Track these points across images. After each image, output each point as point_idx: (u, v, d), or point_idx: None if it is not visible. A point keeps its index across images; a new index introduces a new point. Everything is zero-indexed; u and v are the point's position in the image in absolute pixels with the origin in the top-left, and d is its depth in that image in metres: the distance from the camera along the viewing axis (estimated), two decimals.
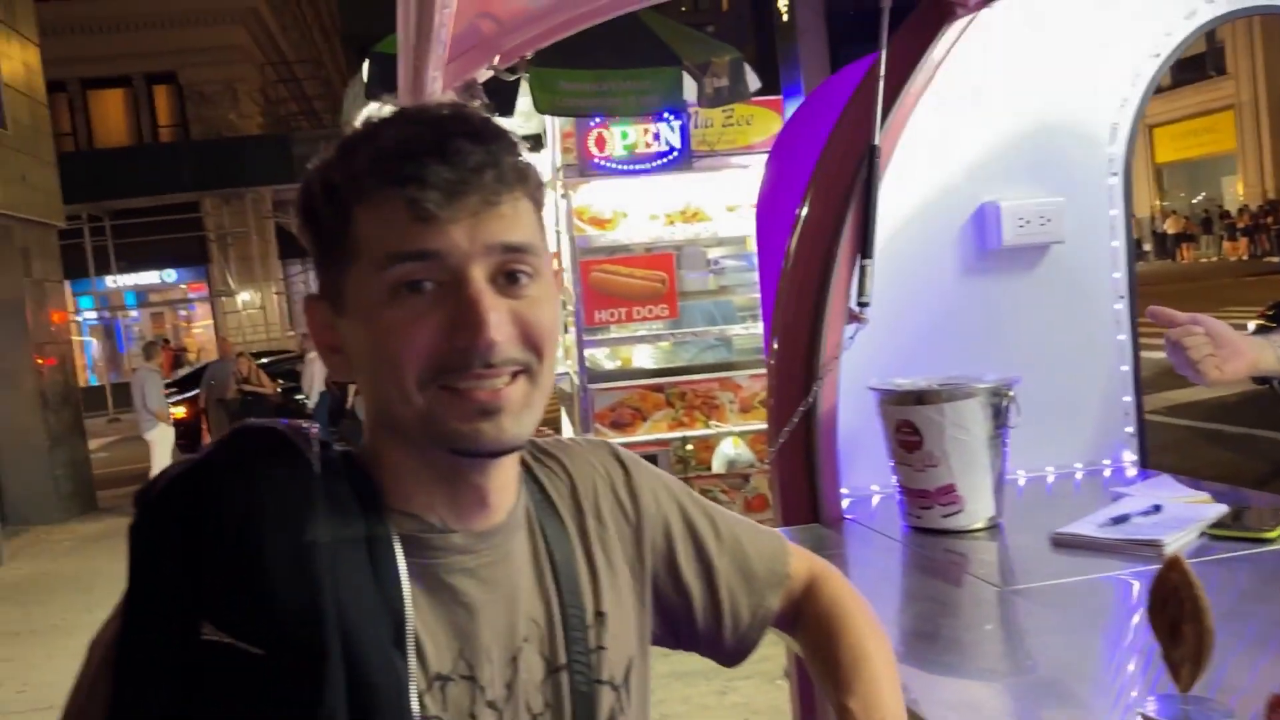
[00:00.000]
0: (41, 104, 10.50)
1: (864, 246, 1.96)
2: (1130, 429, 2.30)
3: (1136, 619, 1.41)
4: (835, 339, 1.99)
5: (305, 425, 0.90)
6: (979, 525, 1.83)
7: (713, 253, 5.84)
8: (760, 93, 5.42)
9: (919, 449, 1.81)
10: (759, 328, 5.79)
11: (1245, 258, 26.10)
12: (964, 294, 2.19)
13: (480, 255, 0.84)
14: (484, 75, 1.89)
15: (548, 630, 0.95)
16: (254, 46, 21.94)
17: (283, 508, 0.83)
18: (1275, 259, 23.60)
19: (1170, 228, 30.87)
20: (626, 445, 1.16)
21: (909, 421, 1.81)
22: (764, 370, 5.43)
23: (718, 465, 5.43)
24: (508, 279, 0.86)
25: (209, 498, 0.83)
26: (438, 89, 1.66)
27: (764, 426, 5.35)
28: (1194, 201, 31.72)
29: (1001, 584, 1.68)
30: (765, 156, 5.77)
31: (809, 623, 1.11)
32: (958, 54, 2.08)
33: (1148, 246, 30.92)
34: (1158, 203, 32.61)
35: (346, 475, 0.88)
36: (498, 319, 0.83)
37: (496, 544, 0.92)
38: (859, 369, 2.04)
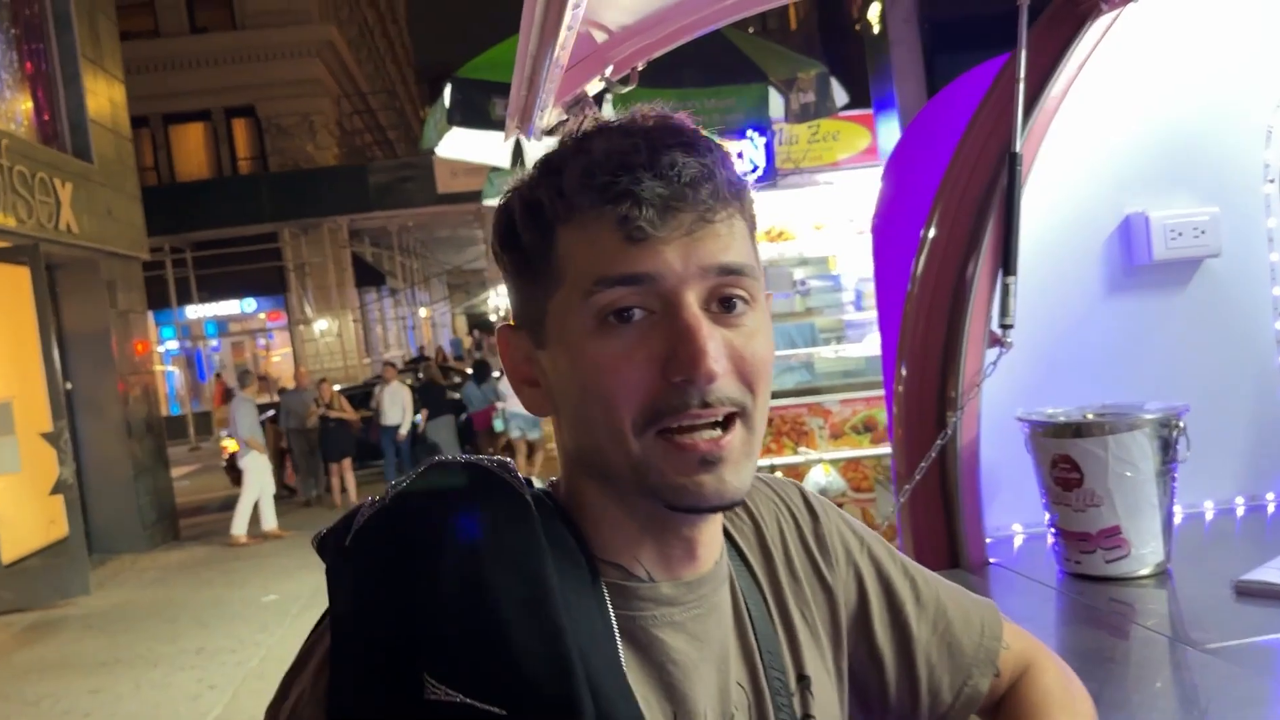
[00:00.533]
0: (127, 139, 10.75)
1: (1006, 262, 1.80)
2: None
3: None
4: (975, 365, 1.83)
5: (506, 460, 0.80)
6: (1147, 571, 1.65)
7: (798, 273, 5.69)
8: (847, 107, 5.27)
9: (1079, 487, 1.63)
10: (847, 350, 5.62)
11: None
12: (1111, 314, 2.01)
13: (695, 278, 0.74)
14: (594, 88, 1.77)
15: (755, 697, 0.83)
16: (330, 79, 22.36)
17: (512, 546, 0.73)
18: None
19: None
20: None
21: (1067, 456, 1.64)
22: (854, 395, 5.25)
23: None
24: (723, 305, 0.75)
25: (422, 536, 0.73)
26: (550, 102, 1.55)
27: (855, 454, 5.18)
28: None
29: (1175, 637, 1.50)
30: (852, 172, 5.65)
31: (1014, 712, 0.96)
32: (1101, 53, 1.91)
33: None
34: None
35: (555, 515, 0.79)
36: (715, 349, 0.73)
37: (704, 595, 0.82)
38: (995, 398, 1.87)
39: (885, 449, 4.69)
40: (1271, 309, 2.07)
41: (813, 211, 5.44)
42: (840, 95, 5.12)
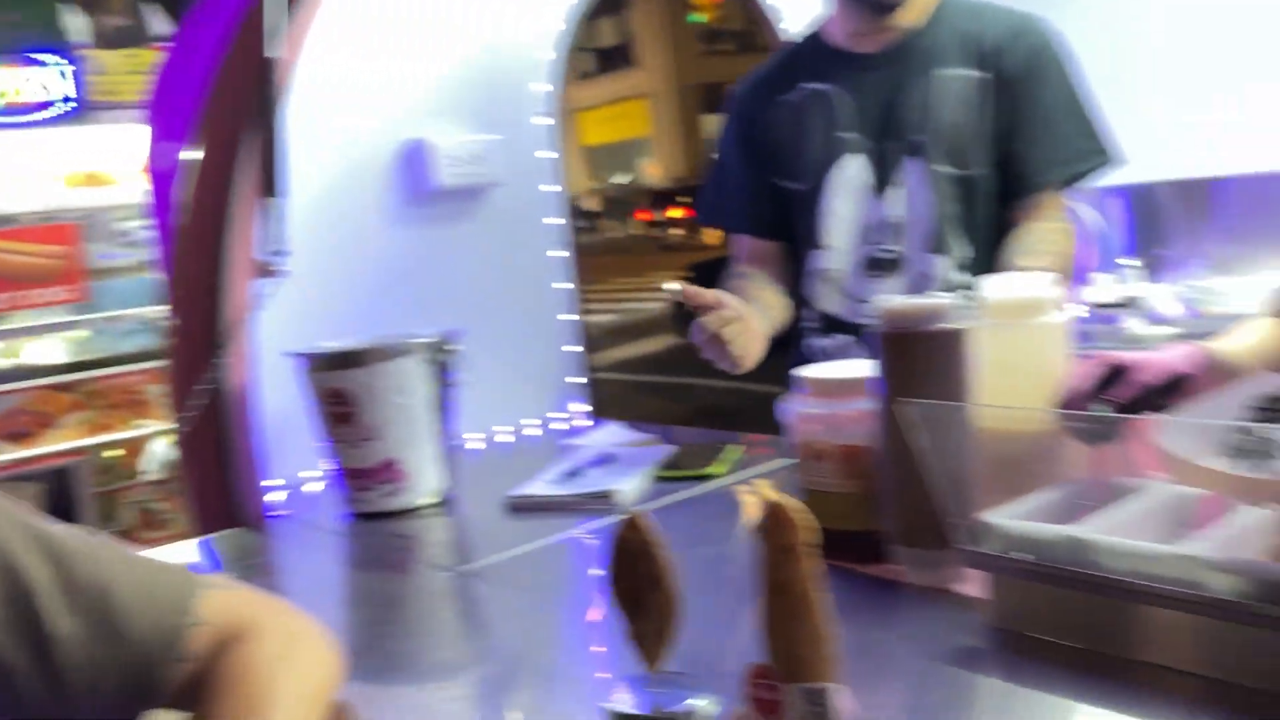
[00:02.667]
0: None
1: (269, 182, 1.62)
2: (578, 379, 2.23)
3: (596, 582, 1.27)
4: (242, 297, 1.64)
5: None
6: (429, 501, 1.60)
7: (128, 223, 5.05)
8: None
9: (353, 421, 1.52)
10: None
11: (653, 232, 29.49)
12: (397, 242, 1.94)
13: None
14: None
15: None
16: None
17: None
18: (681, 232, 26.89)
19: (592, 205, 34.06)
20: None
21: (338, 389, 1.52)
22: None
23: (149, 469, 4.70)
24: None
25: None
26: None
27: None
28: (620, 182, 35.19)
29: (454, 562, 1.46)
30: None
31: (205, 693, 0.79)
32: None
33: (581, 224, 33.81)
34: (588, 183, 35.69)
35: None
36: None
37: None
38: (278, 336, 1.70)
39: None
40: (553, 237, 2.17)
41: (138, 152, 4.83)
42: (161, 23, 4.58)
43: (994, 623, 0.93)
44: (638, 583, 0.83)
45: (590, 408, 2.24)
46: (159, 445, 4.60)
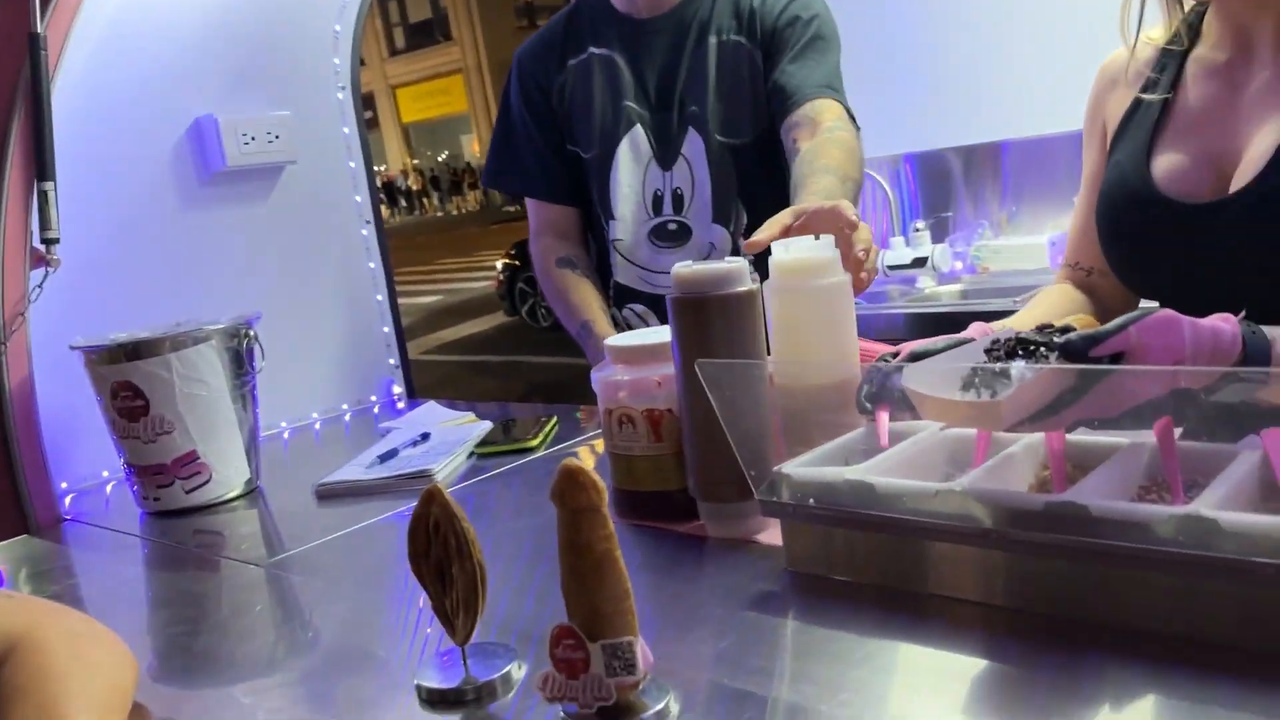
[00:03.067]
0: None
1: (41, 166, 1.51)
2: (394, 360, 2.18)
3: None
4: (18, 291, 1.52)
5: None
6: (234, 493, 1.55)
7: None
8: None
9: (146, 415, 1.45)
10: None
11: (480, 209, 29.14)
12: (189, 226, 1.85)
13: None
14: None
15: None
16: None
17: None
18: (511, 208, 26.70)
19: (414, 184, 33.31)
20: None
21: (128, 382, 1.44)
22: None
23: None
24: None
25: None
26: None
27: None
28: (439, 159, 34.50)
29: (266, 558, 1.42)
30: None
31: None
32: None
33: (403, 203, 32.98)
34: (409, 160, 34.83)
35: None
36: None
37: None
38: (58, 330, 1.59)
39: None
40: (358, 215, 2.11)
41: None
42: None
43: (790, 567, 0.97)
44: (442, 555, 0.83)
45: (408, 389, 2.20)
46: None
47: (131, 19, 1.75)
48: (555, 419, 1.70)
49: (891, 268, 2.80)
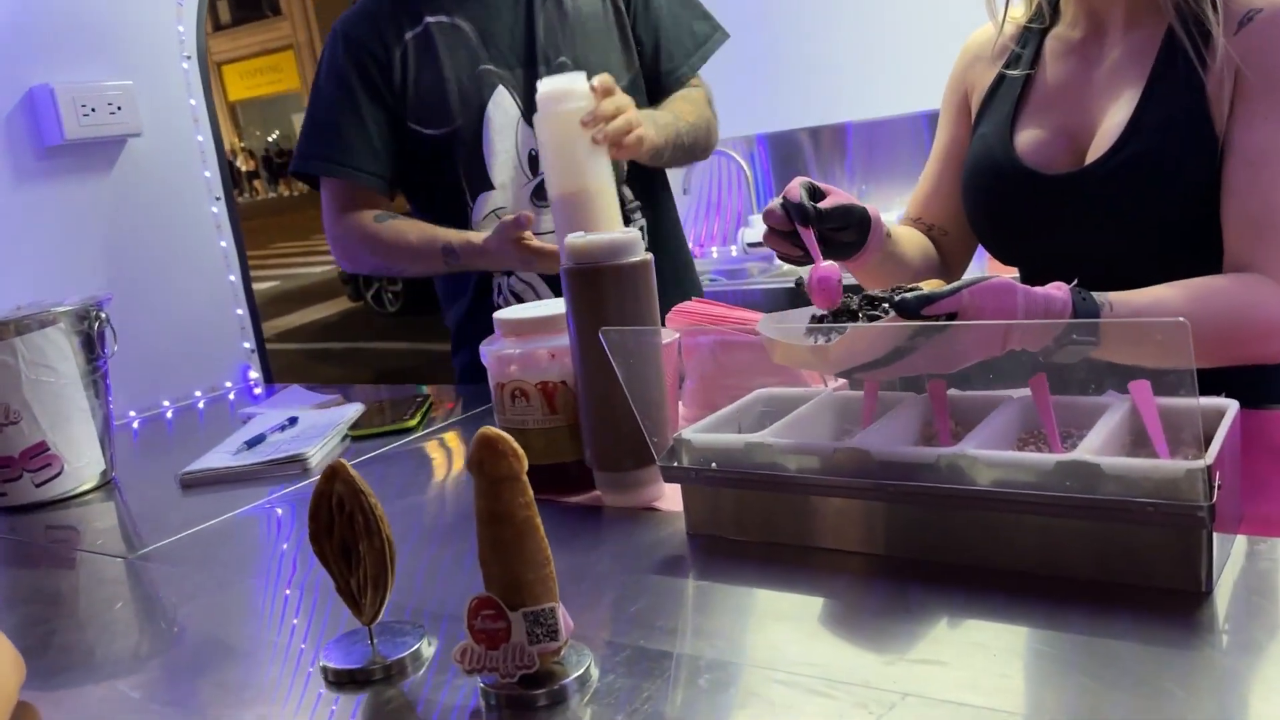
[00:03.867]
0: None
1: None
2: (249, 344, 2.09)
3: (291, 549, 1.21)
4: None
5: None
6: (89, 485, 1.45)
7: None
8: None
9: None
10: None
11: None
12: (24, 203, 1.72)
13: None
14: None
15: None
16: None
17: None
18: None
19: (244, 165, 31.91)
20: None
21: None
22: None
23: None
24: None
25: None
26: None
27: None
28: (269, 139, 33.11)
29: (125, 548, 1.34)
30: None
31: None
32: None
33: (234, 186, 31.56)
34: (237, 141, 33.29)
35: None
36: None
37: None
38: None
39: None
40: (207, 191, 2.01)
41: None
42: None
43: (691, 531, 0.99)
44: (348, 534, 0.81)
45: (265, 375, 2.11)
46: None
47: None
48: (430, 398, 1.66)
49: (750, 245, 2.86)
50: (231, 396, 2.00)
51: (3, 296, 1.50)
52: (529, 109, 1.59)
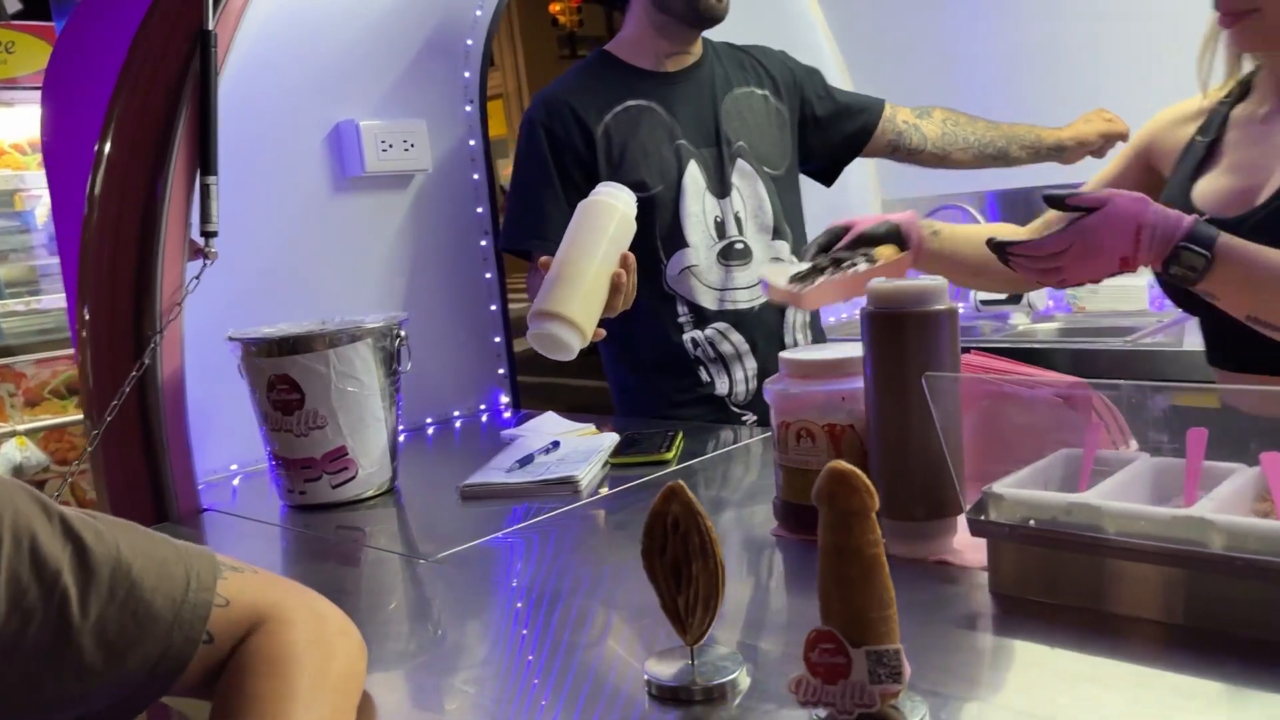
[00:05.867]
0: None
1: (205, 159, 1.54)
2: (502, 370, 2.20)
3: (580, 565, 1.26)
4: (176, 281, 1.55)
5: None
6: (375, 491, 1.56)
7: None
8: (22, 16, 4.42)
9: (300, 408, 1.47)
10: (42, 302, 4.80)
11: None
12: (327, 225, 1.88)
13: None
14: None
15: None
16: None
17: None
18: None
19: None
20: None
21: (286, 376, 1.46)
22: (53, 354, 4.51)
23: (1, 473, 4.37)
24: None
25: None
26: None
27: (58, 421, 4.45)
28: None
29: (406, 553, 1.42)
30: (37, 92, 4.77)
31: (227, 678, 0.76)
32: None
33: None
34: None
35: None
36: None
37: None
38: (202, 325, 1.61)
39: None
40: (478, 226, 2.14)
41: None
42: (11, 2, 4.27)
43: (996, 588, 0.97)
44: (679, 553, 0.84)
45: (514, 400, 2.21)
46: (9, 448, 4.29)
47: (283, 22, 1.78)
48: (681, 433, 1.70)
49: (984, 303, 2.80)
50: (484, 419, 2.11)
51: (298, 307, 1.64)
52: (713, 182, 1.86)
